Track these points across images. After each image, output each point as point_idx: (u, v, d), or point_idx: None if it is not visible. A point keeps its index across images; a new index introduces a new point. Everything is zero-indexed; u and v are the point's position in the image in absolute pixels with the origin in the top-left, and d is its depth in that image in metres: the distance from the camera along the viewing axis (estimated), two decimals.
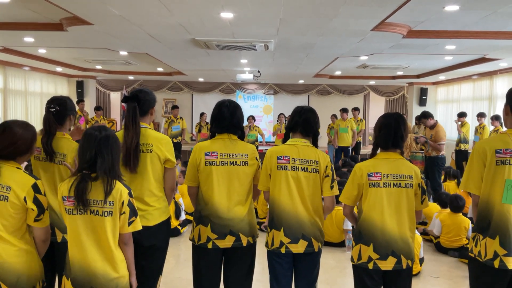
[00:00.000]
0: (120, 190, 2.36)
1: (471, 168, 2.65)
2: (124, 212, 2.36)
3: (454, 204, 5.47)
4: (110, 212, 2.33)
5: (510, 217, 2.51)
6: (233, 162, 2.91)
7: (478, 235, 2.62)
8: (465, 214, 5.75)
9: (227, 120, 2.94)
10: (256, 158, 3.00)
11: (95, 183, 2.32)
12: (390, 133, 2.79)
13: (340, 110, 11.05)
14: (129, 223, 2.39)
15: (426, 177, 7.49)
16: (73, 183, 2.32)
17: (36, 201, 2.40)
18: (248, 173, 2.95)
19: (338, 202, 3.53)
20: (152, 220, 2.85)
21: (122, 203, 2.35)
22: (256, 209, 6.66)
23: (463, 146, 9.81)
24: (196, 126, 11.54)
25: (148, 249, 2.82)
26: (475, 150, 2.66)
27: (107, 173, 2.33)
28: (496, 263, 2.51)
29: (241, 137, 3.03)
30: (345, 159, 9.68)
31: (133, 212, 2.41)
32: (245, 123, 11.18)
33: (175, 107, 11.29)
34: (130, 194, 2.41)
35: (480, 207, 2.62)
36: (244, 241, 2.91)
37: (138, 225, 2.44)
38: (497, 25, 6.09)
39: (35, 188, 2.42)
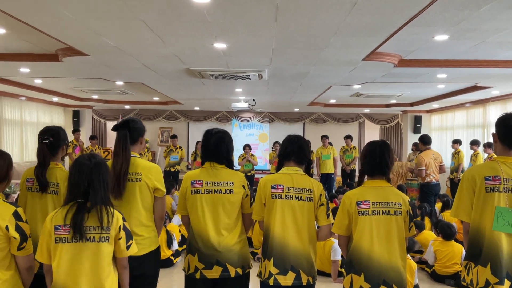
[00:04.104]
0: (116, 215, 2.39)
1: (461, 195, 2.65)
2: (121, 237, 2.39)
3: (445, 232, 5.52)
4: (107, 238, 2.34)
5: (501, 244, 2.49)
6: (217, 190, 2.88)
7: (470, 263, 2.61)
8: (461, 242, 5.73)
9: (212, 148, 2.94)
10: (243, 186, 2.94)
11: (91, 211, 2.32)
12: (375, 160, 2.79)
13: (321, 137, 10.89)
14: (127, 247, 2.42)
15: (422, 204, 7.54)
16: (68, 211, 2.30)
17: (18, 229, 2.34)
18: (234, 202, 2.90)
19: (332, 234, 3.49)
20: (141, 249, 2.81)
21: (119, 228, 2.38)
22: (251, 239, 6.58)
23: (459, 176, 9.81)
24: (192, 154, 11.54)
25: (137, 278, 2.77)
26: (465, 178, 2.67)
27: (104, 202, 2.35)
28: None
29: (229, 165, 3.00)
30: (341, 187, 9.64)
31: (129, 236, 2.45)
32: (241, 151, 11.18)
33: (174, 136, 11.36)
34: (123, 219, 2.45)
35: (471, 234, 2.61)
36: (232, 272, 2.83)
37: (134, 248, 2.48)
38: (487, 53, 6.18)
39: (16, 215, 2.35)
